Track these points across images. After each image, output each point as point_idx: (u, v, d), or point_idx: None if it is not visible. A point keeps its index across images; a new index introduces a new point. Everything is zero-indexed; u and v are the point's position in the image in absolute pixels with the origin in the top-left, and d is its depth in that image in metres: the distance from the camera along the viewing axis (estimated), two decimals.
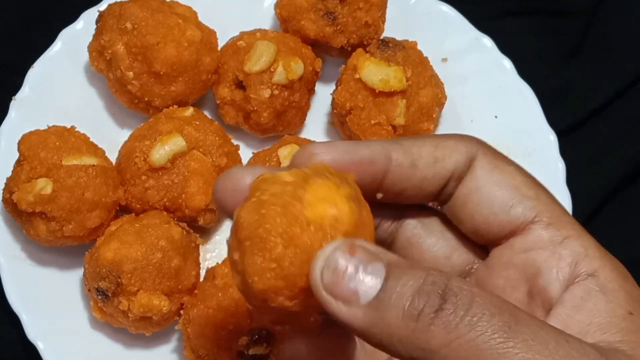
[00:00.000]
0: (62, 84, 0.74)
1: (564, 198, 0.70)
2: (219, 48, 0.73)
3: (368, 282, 0.29)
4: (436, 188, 0.35)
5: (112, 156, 0.70)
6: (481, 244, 0.36)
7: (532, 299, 0.34)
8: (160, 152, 0.66)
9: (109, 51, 0.69)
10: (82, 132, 0.69)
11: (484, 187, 0.35)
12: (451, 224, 0.38)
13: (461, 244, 0.38)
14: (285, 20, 0.74)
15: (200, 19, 0.73)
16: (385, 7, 0.75)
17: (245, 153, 0.73)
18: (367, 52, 0.71)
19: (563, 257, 0.33)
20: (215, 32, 0.74)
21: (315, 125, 0.77)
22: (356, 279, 0.29)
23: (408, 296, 0.28)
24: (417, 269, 0.29)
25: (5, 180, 0.66)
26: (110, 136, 0.73)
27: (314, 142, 0.35)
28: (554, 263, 0.33)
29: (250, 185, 0.32)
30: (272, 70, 0.69)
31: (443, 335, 0.28)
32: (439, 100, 0.72)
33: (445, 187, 0.35)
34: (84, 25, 0.74)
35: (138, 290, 0.61)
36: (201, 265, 0.68)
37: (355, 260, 0.29)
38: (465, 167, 0.35)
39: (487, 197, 0.34)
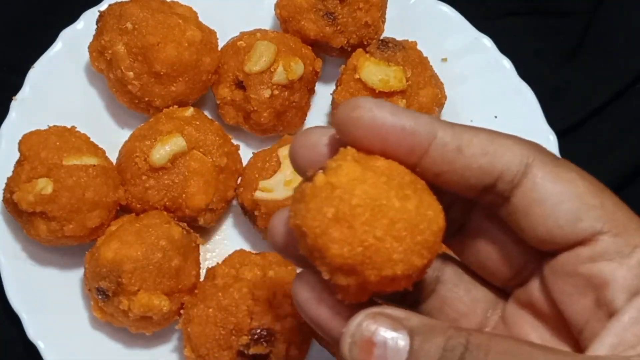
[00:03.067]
0: (62, 84, 0.74)
1: None
2: (219, 48, 0.73)
3: (395, 352, 0.31)
4: (480, 183, 0.34)
5: (113, 156, 0.70)
6: (544, 250, 0.35)
7: (599, 307, 0.33)
8: (161, 152, 0.66)
9: (110, 51, 0.69)
10: (82, 132, 0.69)
11: (547, 200, 0.33)
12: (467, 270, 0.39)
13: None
14: (285, 21, 0.74)
15: (200, 19, 0.73)
16: (385, 7, 0.75)
17: (245, 153, 0.73)
18: (367, 52, 0.71)
19: (631, 269, 0.32)
20: (215, 32, 0.74)
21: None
22: (384, 351, 0.31)
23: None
24: (438, 334, 0.30)
25: (5, 180, 0.66)
26: (111, 136, 0.73)
27: (360, 97, 0.34)
28: (621, 274, 0.32)
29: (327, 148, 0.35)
30: (272, 70, 0.70)
31: None
32: (439, 100, 0.72)
33: (493, 187, 0.34)
34: (85, 26, 0.74)
35: (138, 290, 0.61)
36: (201, 265, 0.68)
37: (381, 330, 0.31)
38: (520, 172, 0.33)
39: (552, 210, 0.33)
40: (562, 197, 0.33)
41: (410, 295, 0.38)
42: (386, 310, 0.32)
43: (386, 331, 0.31)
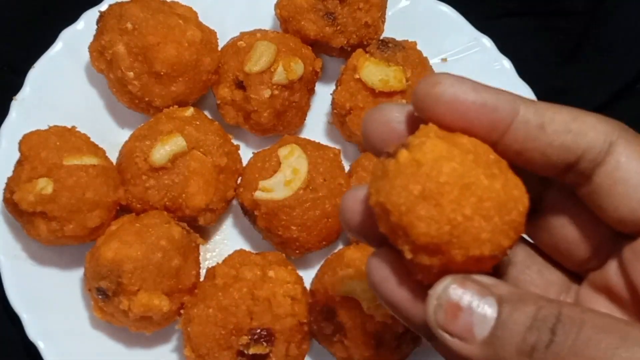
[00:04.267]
0: (62, 84, 0.74)
1: None
2: (219, 48, 0.73)
3: (481, 319, 0.30)
4: (562, 161, 0.33)
5: (113, 156, 0.70)
6: (625, 232, 0.34)
7: None
8: (161, 152, 0.66)
9: (110, 51, 0.69)
10: (82, 132, 0.69)
11: (631, 179, 0.32)
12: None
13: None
14: (285, 21, 0.74)
15: (200, 19, 0.73)
16: (385, 7, 0.75)
17: (245, 153, 0.73)
18: (367, 52, 0.71)
19: None
20: (215, 33, 0.74)
21: (315, 125, 0.77)
22: (470, 316, 0.30)
23: (520, 332, 0.29)
24: (528, 303, 0.30)
25: (6, 180, 0.66)
26: (111, 136, 0.73)
27: (440, 73, 0.34)
28: None
29: (404, 124, 0.34)
30: (272, 70, 0.70)
31: None
32: None
33: (575, 165, 0.33)
34: (85, 26, 0.74)
35: (138, 290, 0.61)
36: (201, 265, 0.68)
37: (468, 295, 0.30)
38: (603, 150, 0.32)
39: (636, 189, 0.32)
40: None
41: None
42: (474, 277, 0.31)
43: (474, 296, 0.30)
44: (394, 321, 0.59)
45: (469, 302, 0.30)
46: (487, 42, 0.78)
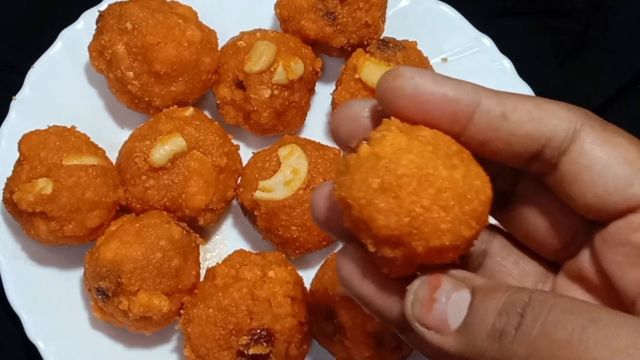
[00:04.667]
0: (62, 84, 0.74)
1: None
2: (219, 48, 0.73)
3: (455, 309, 0.31)
4: (527, 150, 0.33)
5: (112, 156, 0.70)
6: (594, 220, 0.34)
7: None
8: (161, 152, 0.66)
9: (109, 51, 0.69)
10: (82, 132, 0.69)
11: (595, 165, 0.32)
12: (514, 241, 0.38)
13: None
14: (285, 20, 0.74)
15: (200, 19, 0.73)
16: (385, 7, 0.75)
17: (245, 153, 0.73)
18: (367, 52, 0.71)
19: None
20: (215, 32, 0.74)
21: (315, 125, 0.77)
22: (444, 308, 0.31)
23: (491, 318, 0.30)
24: (499, 291, 0.30)
25: (5, 180, 0.66)
26: (111, 136, 0.73)
27: (401, 66, 0.34)
28: None
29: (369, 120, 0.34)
30: (272, 70, 0.69)
31: (524, 350, 0.29)
32: None
33: (540, 154, 0.33)
34: (84, 25, 0.74)
35: (138, 290, 0.61)
36: (201, 265, 0.68)
37: (443, 288, 0.31)
38: (567, 138, 0.32)
39: (600, 175, 0.32)
40: (611, 162, 0.32)
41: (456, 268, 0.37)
42: (451, 272, 0.32)
43: (448, 289, 0.31)
44: None
45: (443, 295, 0.31)
46: (487, 42, 0.78)
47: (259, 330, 0.60)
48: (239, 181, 0.71)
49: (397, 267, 0.33)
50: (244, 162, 0.72)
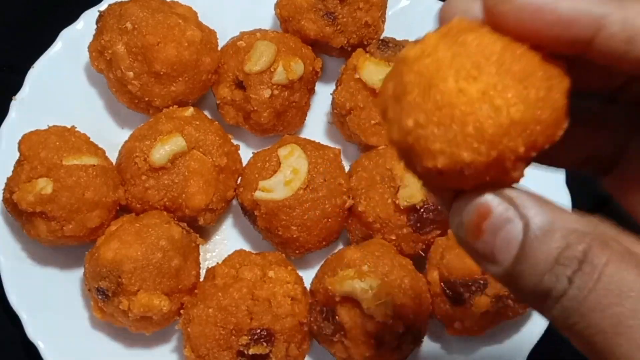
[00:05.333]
0: (62, 84, 0.74)
1: (564, 198, 0.70)
2: (219, 48, 0.73)
3: (504, 247, 0.27)
4: None
5: (112, 156, 0.70)
6: None
7: None
8: (161, 152, 0.66)
9: (109, 51, 0.69)
10: (82, 132, 0.69)
11: None
12: None
13: None
14: (285, 20, 0.74)
15: (200, 19, 0.73)
16: (385, 7, 0.75)
17: (245, 153, 0.73)
18: (367, 52, 0.71)
19: None
20: (215, 32, 0.74)
21: (315, 125, 0.77)
22: (492, 242, 0.27)
23: (539, 270, 0.27)
24: (554, 236, 0.27)
25: (5, 180, 0.66)
26: (110, 136, 0.73)
27: None
28: None
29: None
30: (272, 70, 0.69)
31: (567, 322, 0.27)
32: None
33: None
34: (84, 26, 0.74)
35: (138, 290, 0.61)
36: (201, 265, 0.68)
37: (490, 222, 0.27)
38: None
39: None
40: None
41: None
42: (506, 192, 0.28)
43: (498, 221, 0.27)
44: (394, 321, 0.59)
45: (491, 227, 0.27)
46: None
47: (259, 330, 0.60)
48: (239, 181, 0.71)
49: (445, 183, 0.28)
50: (244, 162, 0.72)
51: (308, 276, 0.67)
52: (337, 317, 0.61)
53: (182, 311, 0.64)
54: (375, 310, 0.59)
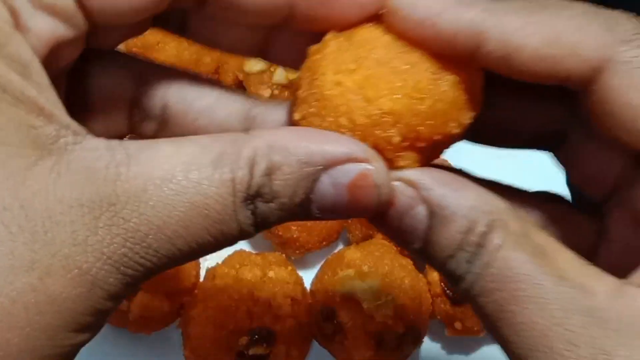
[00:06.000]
0: None
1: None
2: None
3: (412, 230, 0.28)
4: (548, 81, 0.28)
5: None
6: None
7: None
8: None
9: None
10: None
11: (622, 114, 0.27)
12: None
13: None
14: None
15: None
16: None
17: None
18: None
19: None
20: None
21: None
22: (400, 222, 0.28)
23: (444, 254, 0.27)
24: (455, 221, 0.27)
25: None
26: None
27: None
28: None
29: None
30: (272, 70, 0.69)
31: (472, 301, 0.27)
32: None
33: (561, 85, 0.28)
34: None
35: (138, 290, 0.61)
36: (201, 265, 0.68)
37: (396, 207, 0.28)
38: (590, 76, 0.27)
39: (627, 128, 0.27)
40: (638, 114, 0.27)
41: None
42: (408, 175, 0.28)
43: (404, 205, 0.27)
44: (394, 321, 0.59)
45: (396, 211, 0.28)
46: None
47: (259, 330, 0.60)
48: None
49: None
50: None
51: (308, 276, 0.67)
52: (337, 317, 0.61)
53: (182, 311, 0.64)
54: (375, 311, 0.59)
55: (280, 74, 0.69)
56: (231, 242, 0.27)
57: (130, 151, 0.25)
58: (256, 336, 0.60)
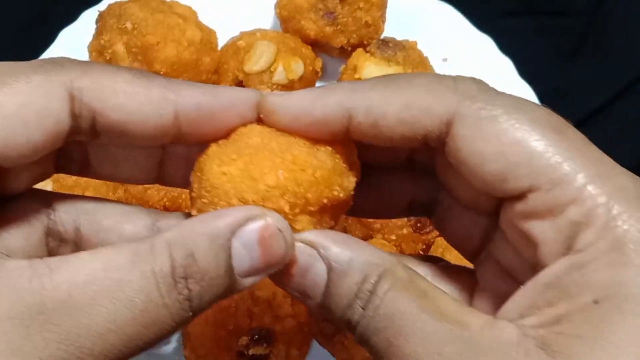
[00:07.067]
0: None
1: None
2: (219, 48, 0.73)
3: (313, 286, 0.31)
4: (408, 147, 0.33)
5: None
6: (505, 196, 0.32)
7: (535, 270, 0.30)
8: None
9: (109, 51, 0.69)
10: None
11: (470, 161, 0.30)
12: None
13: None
14: (286, 20, 0.74)
15: (200, 19, 0.73)
16: (385, 7, 0.75)
17: None
18: (367, 52, 0.71)
19: (560, 230, 0.29)
20: (215, 32, 0.74)
21: None
22: (303, 280, 0.31)
23: (343, 307, 0.30)
24: (354, 271, 0.30)
25: None
26: None
27: (276, 92, 0.34)
28: (552, 236, 0.29)
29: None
30: (272, 70, 0.69)
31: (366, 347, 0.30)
32: None
33: (425, 144, 0.32)
34: (84, 25, 0.74)
35: None
36: None
37: (298, 266, 0.31)
38: (444, 130, 0.31)
39: (477, 170, 0.30)
40: (483, 158, 0.30)
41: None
42: (306, 235, 0.31)
43: (304, 265, 0.31)
44: None
45: (299, 269, 0.31)
46: (487, 42, 0.78)
47: (259, 330, 0.60)
48: None
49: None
50: None
51: None
52: None
53: None
54: None
55: (280, 74, 0.69)
56: (170, 330, 0.29)
57: (51, 264, 0.28)
58: (256, 336, 0.60)
